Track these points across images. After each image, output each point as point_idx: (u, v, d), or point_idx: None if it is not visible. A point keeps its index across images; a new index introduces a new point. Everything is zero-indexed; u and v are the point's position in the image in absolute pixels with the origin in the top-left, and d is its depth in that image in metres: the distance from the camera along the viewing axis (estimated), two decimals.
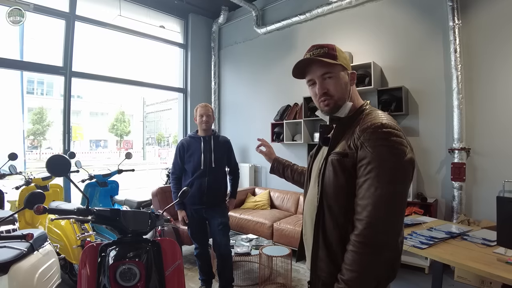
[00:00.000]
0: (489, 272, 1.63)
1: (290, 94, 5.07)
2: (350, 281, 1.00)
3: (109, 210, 1.62)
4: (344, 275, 1.02)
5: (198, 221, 2.92)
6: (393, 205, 1.00)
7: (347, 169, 1.07)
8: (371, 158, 1.01)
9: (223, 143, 3.02)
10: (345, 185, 1.08)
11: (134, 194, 4.48)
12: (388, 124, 1.04)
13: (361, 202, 1.01)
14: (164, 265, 1.66)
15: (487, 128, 3.37)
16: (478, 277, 2.91)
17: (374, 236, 0.98)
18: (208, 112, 2.90)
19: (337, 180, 1.09)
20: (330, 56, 1.15)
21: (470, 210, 3.45)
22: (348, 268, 1.01)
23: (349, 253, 1.02)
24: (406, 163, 1.02)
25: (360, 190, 1.02)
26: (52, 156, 1.46)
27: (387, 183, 0.99)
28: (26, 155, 6.35)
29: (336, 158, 1.10)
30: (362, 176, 1.02)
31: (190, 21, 6.22)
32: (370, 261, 0.99)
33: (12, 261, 1.88)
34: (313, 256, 1.16)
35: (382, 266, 1.03)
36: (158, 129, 33.94)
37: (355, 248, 1.00)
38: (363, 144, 1.04)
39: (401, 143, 1.03)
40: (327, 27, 4.71)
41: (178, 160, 2.93)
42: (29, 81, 24.57)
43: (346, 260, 1.03)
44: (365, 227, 0.98)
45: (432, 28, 3.72)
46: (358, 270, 0.99)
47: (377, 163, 1.00)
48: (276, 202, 4.95)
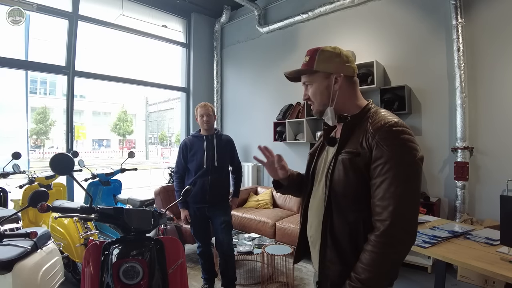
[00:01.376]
0: (492, 271, 1.63)
1: (292, 93, 5.07)
2: (367, 281, 1.00)
3: (113, 209, 1.62)
4: (360, 274, 1.01)
5: (200, 219, 2.93)
6: (413, 203, 1.01)
7: (359, 168, 1.06)
8: (388, 157, 1.00)
9: (226, 142, 3.02)
10: (355, 184, 1.07)
11: (137, 193, 4.49)
12: (400, 123, 1.05)
13: (380, 203, 1.01)
14: (167, 263, 1.67)
15: (490, 127, 3.35)
16: (481, 277, 2.91)
17: (398, 235, 0.98)
18: (208, 112, 2.89)
19: (348, 179, 1.08)
20: (309, 64, 1.18)
21: (473, 209, 3.44)
22: (366, 268, 1.00)
23: (368, 253, 1.01)
24: (419, 161, 1.03)
25: (379, 190, 1.01)
26: (56, 155, 1.47)
27: (406, 182, 0.99)
28: (29, 154, 6.38)
29: (348, 157, 1.09)
30: (380, 175, 1.02)
31: (193, 20, 6.23)
32: (390, 261, 1.01)
33: (16, 259, 1.89)
34: (321, 257, 1.15)
35: (399, 266, 1.05)
36: (161, 129, 33.98)
37: (376, 248, 0.99)
38: (378, 143, 1.03)
39: (413, 141, 1.04)
40: (329, 26, 4.70)
41: (181, 159, 2.94)
42: (32, 81, 24.65)
43: (363, 260, 1.02)
44: (388, 227, 0.98)
45: (435, 26, 3.71)
46: (377, 271, 1.00)
47: (395, 162, 1.00)
48: (279, 201, 4.95)
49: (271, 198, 4.98)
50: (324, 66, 1.17)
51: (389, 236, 0.98)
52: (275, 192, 5.06)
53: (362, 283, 1.00)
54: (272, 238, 3.95)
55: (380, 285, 1.02)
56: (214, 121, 3.00)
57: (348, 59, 1.19)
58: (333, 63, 1.17)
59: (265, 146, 1.30)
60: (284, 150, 5.21)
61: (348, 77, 1.18)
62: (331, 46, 1.20)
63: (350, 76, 1.19)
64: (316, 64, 1.17)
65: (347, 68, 1.18)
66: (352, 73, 1.19)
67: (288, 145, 5.17)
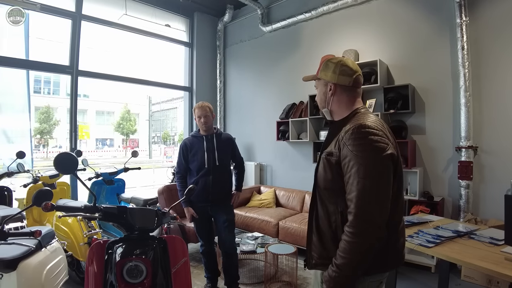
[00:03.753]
0: (496, 271, 1.62)
1: (295, 92, 5.06)
2: (341, 266, 1.15)
3: (116, 208, 1.63)
4: (337, 260, 1.17)
5: (203, 218, 2.93)
6: (375, 197, 1.12)
7: (333, 165, 1.24)
8: (351, 156, 1.16)
9: (226, 140, 3.02)
10: (331, 179, 1.25)
11: (140, 192, 4.51)
12: (367, 124, 1.19)
13: (349, 197, 1.16)
14: (171, 262, 1.68)
15: (495, 126, 3.33)
16: (485, 276, 2.89)
17: (361, 226, 1.11)
18: (205, 113, 2.87)
19: (325, 175, 1.28)
20: (317, 72, 1.41)
21: (477, 209, 3.42)
22: (341, 255, 1.15)
23: (342, 241, 1.16)
24: (385, 158, 1.15)
25: (348, 186, 1.17)
26: (60, 154, 1.48)
27: (366, 177, 1.12)
28: (33, 154, 6.42)
29: (325, 156, 1.29)
30: (347, 172, 1.18)
31: (196, 19, 6.23)
32: (359, 250, 1.12)
33: (21, 258, 1.91)
34: (307, 239, 1.38)
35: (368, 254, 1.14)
36: (164, 128, 34.05)
37: (346, 237, 1.14)
38: (345, 144, 1.19)
39: (378, 140, 1.16)
40: (332, 25, 4.69)
41: (182, 160, 2.94)
42: (36, 80, 24.77)
43: (340, 247, 1.17)
44: (353, 218, 1.12)
45: (439, 25, 3.69)
46: (348, 257, 1.13)
47: (356, 160, 1.14)
48: (282, 201, 4.95)
49: (274, 197, 4.98)
50: (323, 75, 1.39)
51: (354, 227, 1.12)
52: (278, 191, 5.07)
53: (337, 267, 1.16)
54: (275, 237, 3.95)
55: (353, 271, 1.15)
56: (213, 121, 3.00)
57: (345, 71, 1.33)
58: (329, 73, 1.36)
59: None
60: (287, 149, 5.21)
61: (343, 86, 1.34)
62: (337, 58, 1.38)
63: (344, 85, 1.34)
64: (320, 72, 1.40)
65: (341, 78, 1.34)
66: (346, 83, 1.34)
67: (291, 144, 5.16)
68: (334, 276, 1.17)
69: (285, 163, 5.32)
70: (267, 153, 5.57)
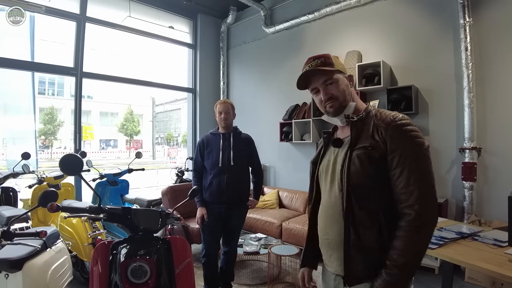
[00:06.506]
0: (500, 273, 1.61)
1: (298, 93, 5.06)
2: (404, 266, 1.06)
3: (121, 208, 1.64)
4: (396, 261, 1.06)
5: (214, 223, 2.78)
6: (433, 186, 1.10)
7: (375, 159, 1.14)
8: (403, 148, 1.10)
9: (244, 141, 2.95)
10: (373, 174, 1.14)
11: (144, 193, 4.53)
12: (406, 117, 1.16)
13: (405, 190, 1.09)
14: (175, 262, 1.69)
15: (498, 127, 3.32)
16: (489, 278, 2.88)
17: (428, 216, 1.07)
18: (227, 109, 2.85)
19: (365, 170, 1.15)
20: (327, 64, 1.26)
21: (481, 211, 3.41)
22: (401, 253, 1.06)
23: (402, 238, 1.07)
24: (428, 149, 1.14)
25: (401, 179, 1.10)
26: (65, 156, 1.49)
27: (423, 169, 1.10)
28: (38, 155, 6.47)
29: (363, 152, 1.16)
30: (398, 166, 1.11)
31: (199, 21, 6.26)
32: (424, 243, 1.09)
33: (26, 258, 1.93)
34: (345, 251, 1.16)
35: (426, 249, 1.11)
36: (168, 129, 34.15)
37: (410, 232, 1.06)
38: (392, 136, 1.13)
39: (420, 132, 1.15)
40: (335, 26, 4.69)
41: (199, 156, 2.86)
42: (41, 82, 24.99)
43: (397, 246, 1.07)
44: (419, 210, 1.05)
45: (442, 26, 3.68)
46: (412, 254, 1.06)
47: (410, 152, 1.10)
48: (285, 202, 4.95)
49: (277, 198, 4.99)
50: (340, 66, 1.28)
51: (421, 219, 1.06)
52: (281, 192, 5.07)
53: (399, 269, 1.05)
54: (279, 238, 3.96)
55: (414, 269, 1.09)
56: (233, 119, 2.96)
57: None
58: (342, 65, 1.30)
59: None
60: (290, 150, 5.21)
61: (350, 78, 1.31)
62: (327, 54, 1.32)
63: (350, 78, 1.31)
64: (334, 63, 1.27)
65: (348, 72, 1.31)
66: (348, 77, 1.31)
67: (294, 146, 5.17)
68: (396, 280, 1.06)
69: (288, 164, 5.32)
70: (270, 154, 5.56)
